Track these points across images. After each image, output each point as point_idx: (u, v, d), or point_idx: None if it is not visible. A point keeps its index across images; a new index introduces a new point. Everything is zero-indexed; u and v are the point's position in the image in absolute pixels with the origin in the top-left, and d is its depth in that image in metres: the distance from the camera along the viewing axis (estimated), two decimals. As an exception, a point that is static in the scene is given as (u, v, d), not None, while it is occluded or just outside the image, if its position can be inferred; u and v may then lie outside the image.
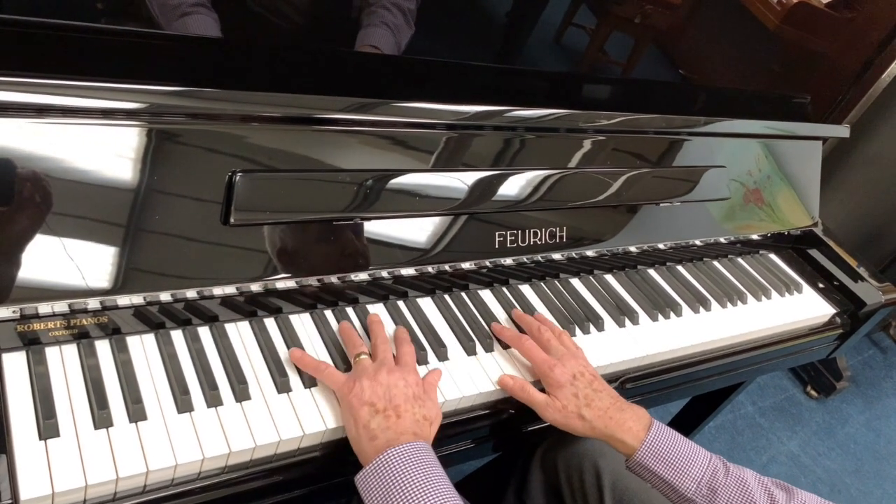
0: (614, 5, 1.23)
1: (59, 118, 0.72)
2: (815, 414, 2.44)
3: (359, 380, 0.80)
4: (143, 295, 0.78)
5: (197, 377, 0.79)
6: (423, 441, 0.76)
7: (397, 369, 0.83)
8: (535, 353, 0.94)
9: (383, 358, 0.84)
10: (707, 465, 0.87)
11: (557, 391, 0.90)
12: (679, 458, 0.86)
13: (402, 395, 0.79)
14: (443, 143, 0.97)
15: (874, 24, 1.51)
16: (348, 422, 0.78)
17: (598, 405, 0.89)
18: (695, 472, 0.86)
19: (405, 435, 0.75)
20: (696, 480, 0.85)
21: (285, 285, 0.87)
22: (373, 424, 0.76)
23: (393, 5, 0.97)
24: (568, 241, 1.10)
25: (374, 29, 0.97)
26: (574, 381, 0.90)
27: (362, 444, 0.76)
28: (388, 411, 0.77)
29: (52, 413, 0.69)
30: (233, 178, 0.81)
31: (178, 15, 0.85)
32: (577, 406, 0.89)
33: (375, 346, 0.87)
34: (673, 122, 1.21)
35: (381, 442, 0.75)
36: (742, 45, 1.47)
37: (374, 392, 0.78)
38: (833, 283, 1.42)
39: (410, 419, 0.78)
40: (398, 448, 0.73)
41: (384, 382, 0.80)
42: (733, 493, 0.84)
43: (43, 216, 0.71)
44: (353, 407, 0.78)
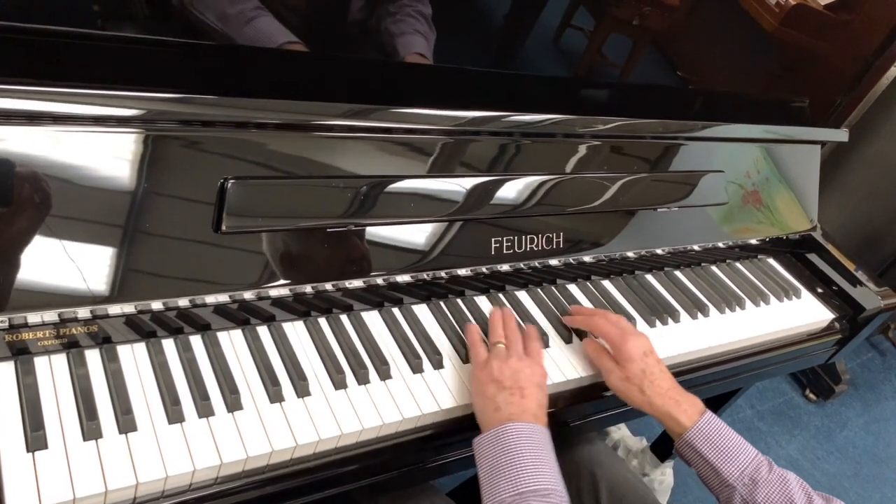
0: (612, 7, 1.22)
1: (50, 125, 0.71)
2: (814, 417, 2.43)
3: (490, 360, 0.89)
4: (134, 303, 0.77)
5: (188, 387, 0.78)
6: (541, 426, 0.82)
7: (527, 358, 0.90)
8: (608, 328, 0.99)
9: (515, 347, 0.92)
10: (753, 458, 0.90)
11: (627, 363, 0.95)
12: (726, 445, 0.90)
13: (527, 379, 0.86)
14: (438, 149, 0.96)
15: (873, 26, 1.50)
16: (475, 394, 0.87)
17: (660, 384, 0.94)
18: (740, 461, 0.89)
19: (527, 414, 0.82)
20: (740, 469, 0.89)
21: (279, 293, 0.86)
22: (498, 398, 0.84)
23: (417, 13, 0.98)
24: (565, 247, 1.09)
25: (411, 37, 0.99)
26: (644, 357, 0.95)
27: (487, 413, 0.83)
28: (514, 390, 0.84)
29: (39, 425, 0.68)
30: (225, 184, 0.80)
31: (245, 22, 0.87)
32: (640, 380, 0.94)
33: (508, 336, 0.94)
34: (670, 127, 1.20)
35: (503, 414, 0.82)
36: (740, 47, 1.46)
37: (501, 372, 0.86)
38: (832, 288, 1.41)
39: (534, 402, 0.85)
40: (518, 424, 0.80)
41: (513, 366, 0.87)
42: (774, 489, 0.87)
43: (33, 226, 0.70)
44: (482, 381, 0.86)
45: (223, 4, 0.85)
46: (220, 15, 0.85)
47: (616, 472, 1.13)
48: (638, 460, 1.88)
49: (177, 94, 0.77)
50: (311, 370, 0.85)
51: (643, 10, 1.22)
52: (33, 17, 0.73)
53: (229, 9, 0.85)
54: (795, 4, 1.37)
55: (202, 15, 0.84)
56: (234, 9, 0.86)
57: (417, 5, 0.99)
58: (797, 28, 1.42)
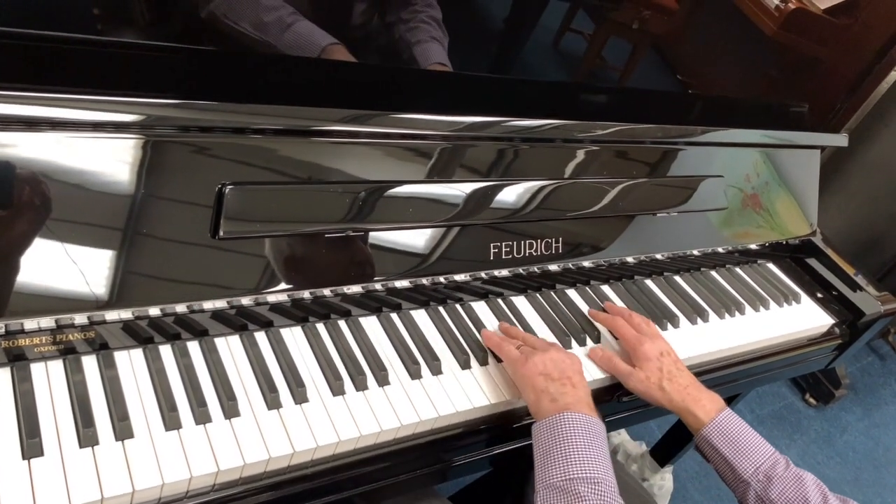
0: (612, 11, 1.22)
1: (49, 131, 0.70)
2: (814, 422, 2.43)
3: (531, 356, 0.90)
4: (131, 309, 0.77)
5: (185, 393, 0.78)
6: (597, 418, 0.83)
7: (561, 349, 0.93)
8: (627, 331, 1.03)
9: (542, 344, 0.95)
10: (769, 456, 0.91)
11: (644, 363, 0.98)
12: (743, 442, 0.92)
13: (571, 368, 0.89)
14: (437, 154, 0.96)
15: (872, 30, 1.50)
16: (525, 389, 0.88)
17: (679, 381, 0.97)
18: (755, 458, 0.91)
19: (581, 403, 0.84)
20: (755, 465, 0.90)
21: (277, 298, 0.86)
22: (551, 389, 0.86)
23: (430, 18, 0.98)
24: (564, 252, 1.09)
25: (429, 45, 1.00)
26: (660, 357, 0.99)
27: (542, 404, 0.85)
28: (564, 380, 0.87)
29: (35, 431, 0.68)
30: (223, 189, 0.80)
31: (284, 28, 0.88)
32: (659, 378, 0.97)
33: (527, 340, 0.97)
34: (669, 132, 1.20)
35: (560, 404, 0.84)
36: (740, 51, 1.46)
37: (545, 365, 0.88)
38: (831, 293, 1.41)
39: (584, 390, 0.87)
40: (576, 414, 0.81)
41: (553, 358, 0.89)
42: (788, 486, 0.88)
43: (31, 231, 0.70)
44: (529, 376, 0.88)
45: (259, 13, 0.86)
46: (257, 24, 0.86)
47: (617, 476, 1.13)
48: (637, 465, 1.88)
49: (175, 100, 0.77)
50: (308, 376, 0.85)
51: (643, 13, 1.22)
52: (32, 23, 0.73)
53: (266, 17, 0.86)
54: (795, 8, 1.37)
55: (237, 25, 0.84)
56: (270, 16, 0.86)
57: (429, 10, 0.99)
58: (797, 32, 1.42)
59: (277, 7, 0.87)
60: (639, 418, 1.15)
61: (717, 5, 1.34)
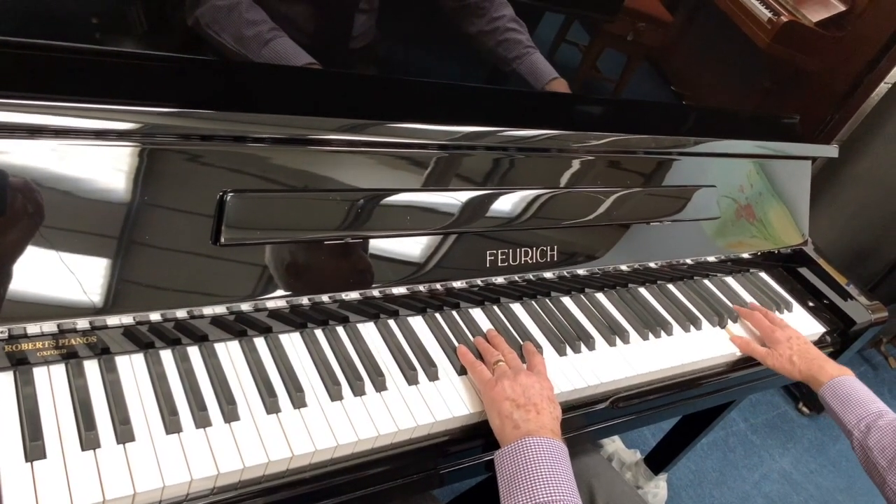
0: (607, 23, 1.24)
1: (52, 139, 0.72)
2: (807, 431, 2.44)
3: (500, 380, 0.91)
4: (133, 315, 0.78)
5: (186, 397, 0.79)
6: (559, 441, 0.85)
7: (533, 374, 0.94)
8: (764, 323, 1.25)
9: (516, 365, 0.96)
10: (874, 412, 1.05)
11: (776, 346, 1.20)
12: (850, 399, 1.07)
13: (538, 395, 0.90)
14: (434, 163, 0.98)
15: (863, 43, 1.52)
16: (491, 413, 0.90)
17: (806, 355, 1.18)
18: (860, 411, 1.06)
19: (544, 430, 0.85)
20: (858, 418, 1.05)
21: (276, 305, 0.87)
22: (515, 416, 0.87)
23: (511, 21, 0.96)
24: (559, 260, 1.10)
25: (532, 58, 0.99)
26: (789, 340, 1.21)
27: (505, 430, 0.86)
28: (529, 407, 0.88)
29: (38, 434, 0.69)
30: (224, 197, 0.81)
31: (262, 44, 0.87)
32: (789, 356, 1.18)
33: (506, 356, 0.97)
34: (662, 143, 1.22)
35: (522, 431, 0.85)
36: (733, 63, 1.48)
37: (513, 390, 0.89)
38: (823, 302, 1.43)
39: (549, 417, 0.88)
40: (536, 438, 0.82)
41: (523, 383, 0.90)
42: (885, 435, 1.02)
43: (33, 237, 0.71)
44: (497, 401, 0.89)
45: (240, 26, 0.86)
46: (237, 37, 0.86)
47: (613, 484, 1.15)
48: (632, 473, 1.88)
49: (176, 109, 0.79)
50: (307, 382, 0.86)
51: (637, 25, 1.23)
52: (35, 32, 0.74)
53: (246, 31, 0.86)
54: (787, 21, 1.39)
55: (218, 36, 0.85)
56: (250, 31, 0.86)
57: (504, 11, 0.96)
58: (789, 45, 1.44)
59: (259, 22, 0.87)
60: (633, 424, 1.16)
61: (711, 18, 1.36)
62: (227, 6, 0.84)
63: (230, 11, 0.85)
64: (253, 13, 0.87)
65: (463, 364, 0.97)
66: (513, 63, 0.97)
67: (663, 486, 1.85)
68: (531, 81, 1.00)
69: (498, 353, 0.97)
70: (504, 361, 0.96)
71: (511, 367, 0.95)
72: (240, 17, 0.86)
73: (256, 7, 0.87)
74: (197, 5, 0.84)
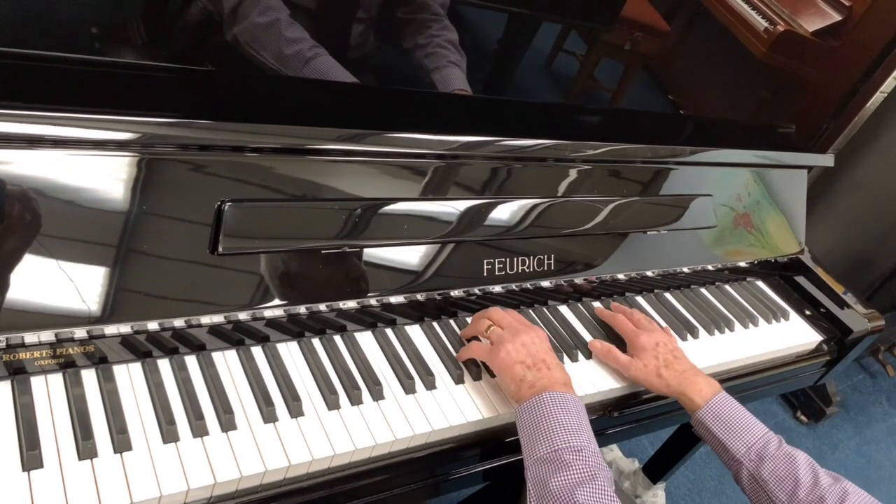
0: (604, 32, 1.24)
1: (51, 149, 0.72)
2: (805, 440, 2.44)
3: (502, 345, 0.92)
4: (130, 324, 0.78)
5: (183, 407, 0.79)
6: (570, 392, 0.87)
7: (528, 329, 0.95)
8: (625, 325, 1.10)
9: (509, 323, 0.96)
10: (761, 436, 0.95)
11: (641, 353, 1.04)
12: (735, 423, 0.95)
13: (541, 348, 0.92)
14: (432, 173, 0.98)
15: (859, 53, 1.53)
16: (504, 379, 0.91)
17: (676, 368, 1.02)
18: (747, 437, 0.94)
19: (558, 384, 0.87)
20: (747, 445, 0.94)
21: (273, 314, 0.88)
22: (529, 377, 0.88)
23: (446, 42, 1.00)
24: (556, 269, 1.11)
25: (450, 71, 1.02)
26: (656, 347, 1.04)
27: (522, 392, 0.88)
28: (539, 365, 0.90)
29: (35, 444, 0.69)
30: (221, 206, 0.82)
31: (303, 62, 0.89)
32: (656, 366, 1.02)
33: (494, 319, 0.98)
34: (659, 152, 1.22)
35: (538, 387, 0.87)
36: (730, 72, 1.49)
37: (518, 352, 0.91)
38: (820, 311, 1.43)
39: (558, 370, 0.90)
40: (554, 393, 0.85)
41: (524, 342, 0.92)
42: (780, 464, 0.91)
43: (33, 247, 0.71)
44: (507, 366, 0.90)
45: (280, 45, 0.87)
46: (278, 55, 0.87)
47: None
48: (630, 482, 1.88)
49: (175, 119, 0.79)
50: (304, 391, 0.86)
51: (634, 35, 1.24)
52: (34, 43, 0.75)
53: (287, 49, 0.88)
54: (783, 31, 1.40)
55: (258, 54, 0.86)
56: (291, 49, 0.88)
57: (445, 34, 1.01)
58: (785, 54, 1.45)
59: (299, 40, 0.88)
60: (631, 433, 1.16)
61: (708, 27, 1.37)
62: (266, 24, 0.86)
63: (269, 29, 0.86)
64: (292, 31, 0.88)
65: (460, 361, 0.98)
66: (432, 73, 1.00)
67: (661, 495, 1.84)
68: (440, 88, 1.04)
69: (486, 321, 0.98)
70: (494, 325, 0.97)
71: (504, 326, 0.96)
72: (279, 36, 0.88)
73: (296, 24, 0.88)
74: (235, 22, 0.85)
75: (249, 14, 0.85)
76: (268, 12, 0.85)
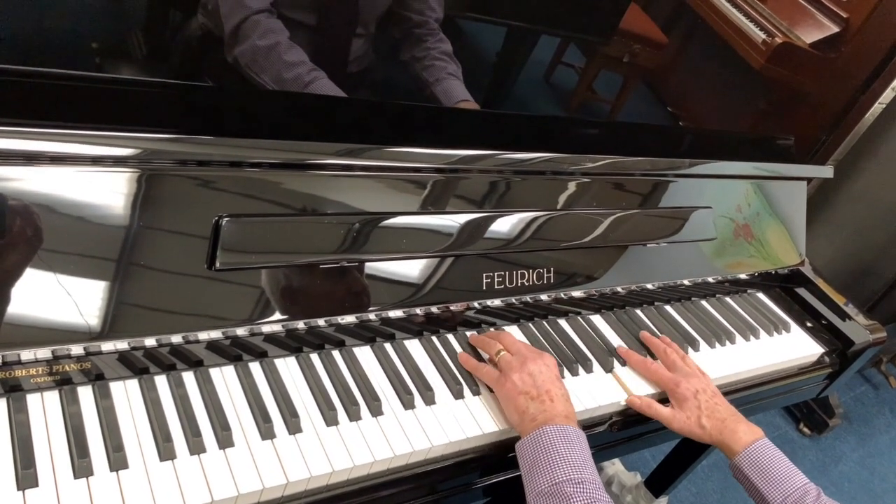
0: (603, 45, 1.25)
1: (49, 165, 0.72)
2: (809, 452, 2.43)
3: (509, 374, 0.93)
4: (127, 340, 0.78)
5: (180, 424, 0.78)
6: (572, 424, 0.88)
7: (536, 357, 0.95)
8: (662, 374, 1.07)
9: (518, 350, 0.97)
10: (800, 486, 0.94)
11: (683, 404, 1.03)
12: (774, 471, 0.95)
13: (547, 379, 0.93)
14: (430, 187, 0.98)
15: (857, 64, 1.54)
16: (508, 408, 0.92)
17: (717, 416, 1.02)
18: (785, 487, 0.94)
19: (559, 417, 0.88)
20: (783, 495, 0.94)
21: (271, 329, 0.87)
22: (531, 409, 0.89)
23: (442, 54, 1.01)
24: (556, 282, 1.10)
25: (450, 83, 1.04)
26: (696, 395, 1.03)
27: (524, 423, 0.89)
28: (542, 397, 0.90)
29: (30, 462, 0.68)
30: (219, 221, 0.81)
31: (303, 86, 0.91)
32: (698, 417, 1.02)
33: (505, 344, 0.99)
34: (657, 165, 1.22)
35: (539, 421, 0.88)
36: (728, 84, 1.49)
37: (524, 382, 0.92)
38: (821, 322, 1.42)
39: (561, 402, 0.91)
40: (553, 426, 0.85)
41: (531, 371, 0.93)
42: None
43: (31, 263, 0.71)
44: (512, 397, 0.91)
45: (280, 69, 0.89)
46: (277, 78, 0.88)
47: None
48: (632, 496, 1.87)
49: (172, 135, 0.79)
50: (302, 407, 0.85)
51: (633, 47, 1.25)
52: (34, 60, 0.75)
53: (286, 73, 0.89)
54: (781, 43, 1.40)
55: (258, 76, 0.87)
56: (290, 73, 0.89)
57: (440, 45, 1.02)
58: (783, 66, 1.46)
59: (298, 64, 0.89)
60: (633, 447, 1.16)
61: (706, 39, 1.38)
62: (266, 47, 0.86)
63: (269, 53, 0.87)
64: (292, 54, 0.89)
65: (467, 369, 0.98)
66: (432, 86, 1.01)
67: (664, 509, 1.83)
68: (442, 100, 1.06)
69: (496, 344, 0.99)
70: (504, 350, 0.97)
71: (513, 353, 0.97)
72: (279, 59, 0.89)
73: (295, 47, 0.89)
74: (236, 43, 0.85)
75: (250, 35, 0.85)
76: (268, 35, 0.86)
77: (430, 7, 1.00)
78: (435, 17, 1.00)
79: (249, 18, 0.86)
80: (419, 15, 1.00)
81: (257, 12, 0.86)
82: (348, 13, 0.96)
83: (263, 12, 0.87)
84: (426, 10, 1.00)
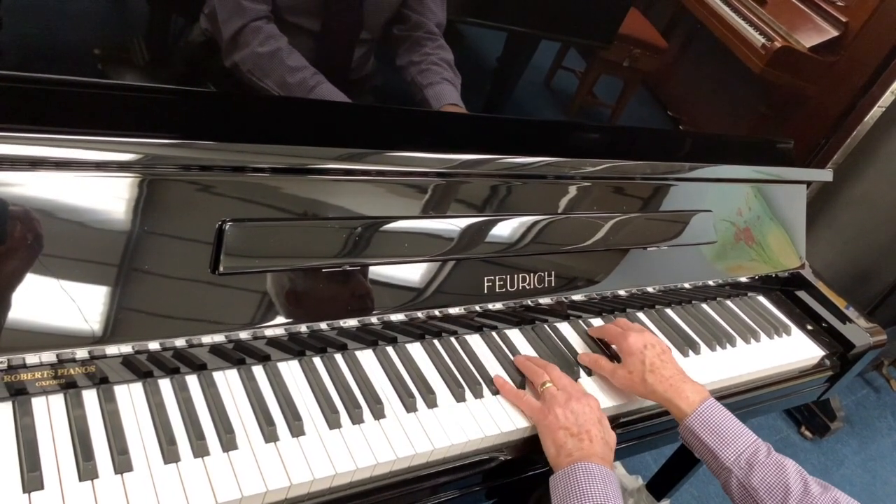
0: (603, 49, 1.25)
1: (53, 170, 0.73)
2: (810, 455, 2.43)
3: (552, 408, 0.92)
4: (132, 344, 0.78)
5: (184, 427, 0.79)
6: (607, 466, 0.87)
7: (581, 396, 0.94)
8: (612, 329, 1.08)
9: (565, 386, 0.96)
10: (751, 443, 0.94)
11: (628, 357, 1.02)
12: (724, 430, 0.94)
13: (590, 420, 0.92)
14: (432, 191, 0.98)
15: (856, 68, 1.54)
16: (546, 441, 0.92)
17: (662, 373, 1.00)
18: (737, 445, 0.93)
19: (595, 457, 0.88)
20: (737, 453, 0.93)
21: (274, 333, 0.88)
22: (569, 445, 0.89)
23: (441, 60, 1.01)
24: (557, 286, 1.11)
25: (441, 87, 1.04)
26: (644, 349, 1.02)
27: (560, 458, 0.89)
28: (582, 435, 0.90)
29: (36, 465, 0.69)
30: (223, 226, 0.82)
31: (307, 90, 0.91)
32: (641, 371, 1.00)
33: (553, 377, 0.98)
34: (658, 169, 1.23)
35: (575, 458, 0.88)
36: (728, 88, 1.50)
37: (566, 419, 0.91)
38: (822, 325, 1.43)
39: (600, 444, 0.90)
40: (587, 464, 0.86)
41: (575, 410, 0.92)
42: (769, 472, 0.91)
43: (33, 266, 0.72)
44: (552, 430, 0.91)
45: (283, 73, 0.89)
46: (281, 83, 0.88)
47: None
48: (634, 500, 1.87)
49: (175, 140, 0.80)
50: (305, 410, 0.86)
51: (633, 51, 1.25)
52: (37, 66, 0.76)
53: (289, 77, 0.89)
54: (781, 47, 1.41)
55: (261, 81, 0.87)
56: (294, 78, 0.89)
57: (440, 52, 1.02)
58: (783, 70, 1.46)
59: (301, 69, 0.90)
60: (634, 450, 1.16)
61: (706, 43, 1.38)
62: (268, 53, 0.87)
63: (271, 58, 0.87)
64: (294, 59, 0.89)
65: (506, 398, 0.98)
66: (424, 90, 1.02)
67: (666, 513, 1.83)
68: (432, 103, 1.05)
69: (543, 374, 0.98)
70: (551, 382, 0.97)
71: (559, 387, 0.96)
72: (281, 64, 0.89)
73: (296, 52, 0.89)
74: (235, 50, 0.86)
75: (250, 42, 0.86)
76: (269, 41, 0.87)
77: (430, 10, 1.00)
78: (435, 21, 1.00)
79: (249, 25, 0.86)
80: (418, 15, 1.00)
81: (257, 19, 0.87)
82: (354, 18, 0.96)
83: (262, 19, 0.87)
84: (426, 11, 1.00)
